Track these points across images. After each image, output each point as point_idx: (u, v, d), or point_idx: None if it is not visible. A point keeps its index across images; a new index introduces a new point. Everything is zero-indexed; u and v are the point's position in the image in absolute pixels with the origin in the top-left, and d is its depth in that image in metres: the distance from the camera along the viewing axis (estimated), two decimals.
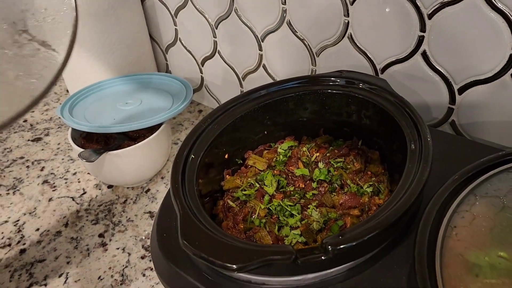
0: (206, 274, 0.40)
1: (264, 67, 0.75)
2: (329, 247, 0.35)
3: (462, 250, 0.34)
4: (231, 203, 0.46)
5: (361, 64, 0.63)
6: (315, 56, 0.68)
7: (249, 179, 0.49)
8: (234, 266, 0.34)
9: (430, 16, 0.53)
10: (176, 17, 0.85)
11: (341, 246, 0.35)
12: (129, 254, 0.63)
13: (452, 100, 0.57)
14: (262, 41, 0.73)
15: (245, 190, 0.47)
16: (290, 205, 0.44)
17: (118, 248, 0.64)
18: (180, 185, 0.42)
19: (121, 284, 0.59)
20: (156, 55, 0.96)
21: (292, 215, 0.43)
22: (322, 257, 0.35)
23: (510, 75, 0.51)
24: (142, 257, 0.62)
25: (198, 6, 0.79)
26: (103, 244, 0.65)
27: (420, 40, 0.55)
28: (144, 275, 0.60)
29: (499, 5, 0.47)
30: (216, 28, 0.78)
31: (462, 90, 0.55)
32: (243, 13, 0.72)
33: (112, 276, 0.60)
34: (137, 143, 0.67)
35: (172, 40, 0.89)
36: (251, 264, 0.34)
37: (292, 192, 0.46)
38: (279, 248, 0.36)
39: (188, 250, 0.36)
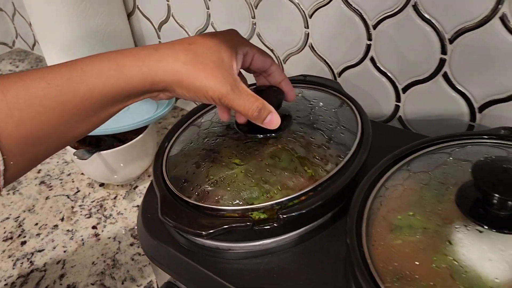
0: (183, 245, 0.48)
1: None
2: (281, 215, 0.43)
3: (385, 214, 0.42)
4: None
5: (322, 69, 0.72)
6: (282, 63, 0.76)
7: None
8: (203, 232, 0.43)
9: (375, 26, 0.62)
10: (159, 31, 0.93)
11: (290, 214, 0.43)
12: (120, 242, 0.71)
13: (398, 98, 0.66)
14: None
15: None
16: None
17: (109, 238, 0.72)
18: (160, 171, 0.51)
19: (112, 268, 0.67)
20: None
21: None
22: (275, 224, 0.44)
23: (441, 75, 0.59)
24: (131, 244, 0.70)
25: (179, 20, 0.87)
26: (96, 235, 0.73)
27: (368, 47, 0.64)
28: (133, 259, 0.68)
29: (426, 15, 0.56)
30: None
31: (405, 89, 0.64)
32: (218, 27, 0.81)
33: (104, 261, 0.68)
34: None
35: None
36: (217, 231, 0.42)
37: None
38: (240, 217, 0.44)
39: (167, 222, 0.44)
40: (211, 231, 0.42)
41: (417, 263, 0.38)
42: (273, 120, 0.46)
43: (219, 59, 0.42)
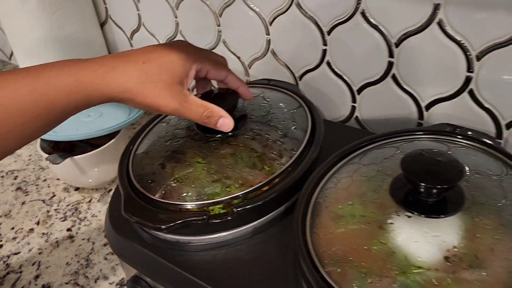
0: (147, 240, 0.51)
1: None
2: (234, 209, 0.47)
3: (329, 204, 0.46)
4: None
5: (284, 73, 0.76)
6: (247, 68, 0.80)
7: None
8: (162, 226, 0.46)
9: (329, 32, 0.66)
10: (132, 39, 0.97)
11: (243, 208, 0.47)
12: (93, 243, 0.74)
13: (353, 99, 0.70)
14: None
15: None
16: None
17: (83, 239, 0.75)
18: (125, 172, 0.54)
19: (86, 267, 0.70)
20: None
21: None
22: (229, 218, 0.47)
23: (390, 77, 0.64)
24: (105, 245, 0.73)
25: (150, 29, 0.91)
26: (71, 237, 0.76)
27: (324, 52, 0.68)
28: (106, 258, 0.71)
29: (373, 21, 0.61)
30: None
31: (360, 90, 0.69)
32: (186, 34, 0.85)
33: (78, 261, 0.71)
34: None
35: None
36: (174, 225, 0.46)
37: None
38: (198, 212, 0.47)
39: (129, 218, 0.48)
40: (170, 225, 0.46)
41: (354, 247, 0.41)
42: (224, 124, 0.50)
43: (170, 77, 0.46)
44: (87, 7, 0.93)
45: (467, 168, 0.45)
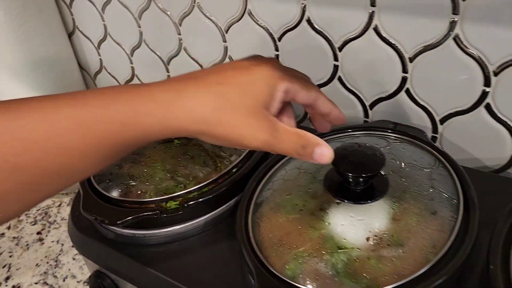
0: (105, 235, 0.55)
1: None
2: (186, 204, 0.51)
3: (269, 196, 0.50)
4: None
5: None
6: None
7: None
8: (118, 222, 0.50)
9: (280, 38, 0.71)
10: (99, 49, 1.00)
11: (193, 202, 0.51)
12: (62, 244, 0.77)
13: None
14: (168, 63, 0.89)
15: None
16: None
17: (53, 241, 0.78)
18: None
19: (55, 268, 0.73)
20: (87, 82, 1.10)
21: None
22: (180, 212, 0.51)
23: (337, 79, 0.68)
24: (73, 246, 0.76)
25: (116, 39, 0.94)
26: (40, 239, 0.79)
27: (277, 58, 0.73)
28: (74, 258, 0.74)
29: (317, 26, 0.65)
30: (132, 56, 0.94)
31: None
32: (150, 43, 0.89)
33: (47, 262, 0.74)
34: None
35: (98, 68, 1.04)
36: (128, 220, 0.50)
37: None
38: (153, 207, 0.51)
39: (87, 216, 0.51)
40: (124, 219, 0.50)
41: (289, 233, 0.46)
42: (323, 153, 0.38)
43: (254, 101, 0.36)
44: (54, 19, 0.96)
45: (402, 163, 0.50)
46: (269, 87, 0.37)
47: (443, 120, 0.63)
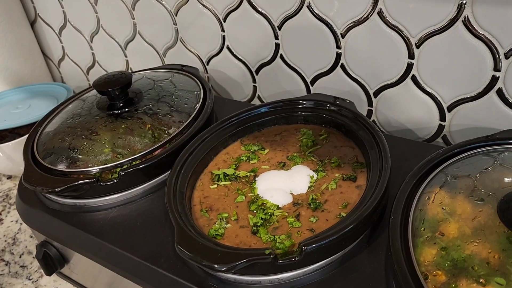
0: (48, 206, 0.57)
1: None
2: (122, 172, 0.54)
3: (211, 168, 0.53)
4: None
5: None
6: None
7: None
8: (56, 189, 0.52)
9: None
10: (60, 36, 1.02)
11: (128, 171, 0.54)
12: (21, 223, 0.79)
13: (254, 80, 0.77)
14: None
15: None
16: None
17: (12, 221, 0.80)
18: (30, 147, 0.60)
19: (12, 245, 0.75)
20: (51, 69, 1.12)
21: None
22: (115, 181, 0.54)
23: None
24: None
25: (75, 25, 0.96)
26: (0, 220, 0.81)
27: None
28: (31, 236, 0.76)
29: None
30: (92, 41, 0.96)
31: (257, 71, 0.76)
32: (107, 28, 0.91)
33: (5, 240, 0.76)
34: None
35: (61, 55, 1.06)
36: (68, 187, 0.52)
37: None
38: (89, 177, 0.54)
39: (28, 186, 0.54)
40: (63, 187, 0.52)
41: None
42: None
43: None
44: (15, 7, 0.98)
45: None
46: None
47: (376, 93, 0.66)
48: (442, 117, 0.63)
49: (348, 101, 0.61)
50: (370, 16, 0.60)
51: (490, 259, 0.38)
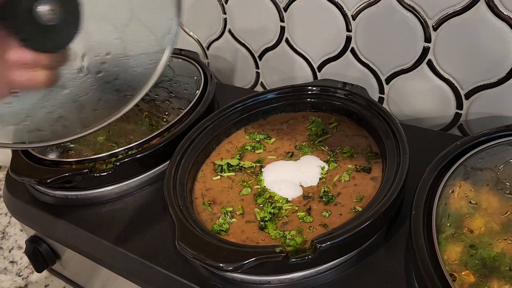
0: (39, 198, 0.53)
1: None
2: (117, 163, 0.50)
3: (213, 159, 0.49)
4: None
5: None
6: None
7: None
8: (47, 180, 0.48)
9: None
10: None
11: (123, 162, 0.50)
12: (11, 216, 0.75)
13: (257, 66, 0.73)
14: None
15: None
16: None
17: (1, 214, 0.76)
18: None
19: (2, 239, 0.71)
20: None
21: None
22: (110, 171, 0.50)
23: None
24: None
25: None
26: None
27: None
28: (21, 230, 0.72)
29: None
30: None
31: (260, 56, 0.72)
32: None
33: None
34: None
35: None
36: (58, 178, 0.48)
37: None
38: (81, 167, 0.50)
39: (16, 177, 0.50)
40: (53, 178, 0.48)
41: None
42: None
43: None
44: None
45: None
46: None
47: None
48: (459, 105, 0.59)
49: (359, 87, 0.57)
50: None
51: None
